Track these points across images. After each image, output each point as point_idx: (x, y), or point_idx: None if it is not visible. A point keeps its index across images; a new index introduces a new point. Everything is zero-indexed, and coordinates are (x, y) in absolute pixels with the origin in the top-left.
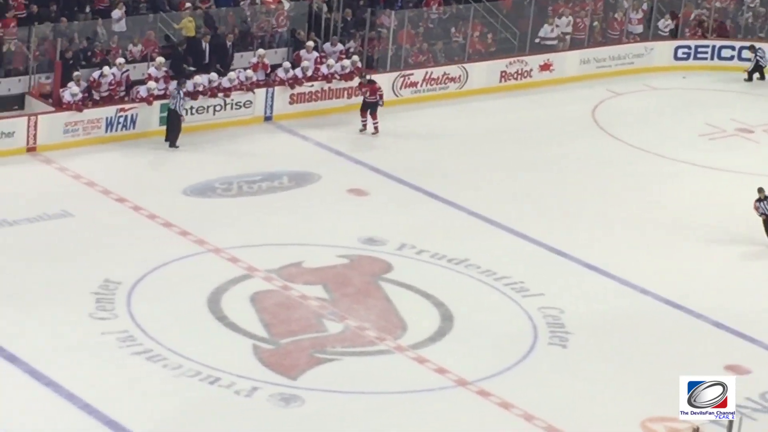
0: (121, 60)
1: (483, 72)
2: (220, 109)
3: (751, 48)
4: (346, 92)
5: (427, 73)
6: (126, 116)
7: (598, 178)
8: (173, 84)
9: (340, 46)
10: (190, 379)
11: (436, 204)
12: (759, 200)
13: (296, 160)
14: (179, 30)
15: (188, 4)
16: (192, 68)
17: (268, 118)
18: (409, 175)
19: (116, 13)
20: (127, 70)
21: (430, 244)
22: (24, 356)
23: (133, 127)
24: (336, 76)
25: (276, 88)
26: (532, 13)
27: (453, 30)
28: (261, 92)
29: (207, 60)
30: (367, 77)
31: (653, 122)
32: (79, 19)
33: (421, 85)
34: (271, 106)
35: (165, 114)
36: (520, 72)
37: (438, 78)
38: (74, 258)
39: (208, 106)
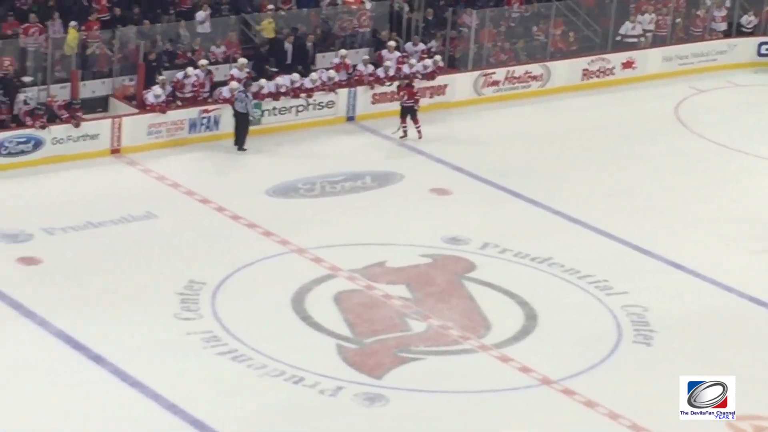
0: (204, 61)
1: (565, 70)
2: (303, 110)
3: None
4: (428, 92)
5: (508, 71)
6: (209, 117)
7: (680, 175)
8: (234, 85)
9: (421, 46)
10: (274, 379)
11: (519, 203)
12: None
13: (379, 160)
14: (260, 31)
15: (270, 6)
16: (274, 69)
17: (350, 118)
18: (492, 174)
19: (200, 15)
20: (210, 72)
21: (514, 242)
22: (109, 356)
23: (216, 128)
24: (418, 75)
25: (358, 88)
26: (614, 11)
27: (535, 28)
28: (343, 92)
29: (290, 60)
30: (405, 81)
31: (736, 119)
32: (162, 21)
33: (503, 84)
34: (354, 106)
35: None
36: (602, 70)
37: (520, 76)
38: (159, 259)
39: (290, 107)
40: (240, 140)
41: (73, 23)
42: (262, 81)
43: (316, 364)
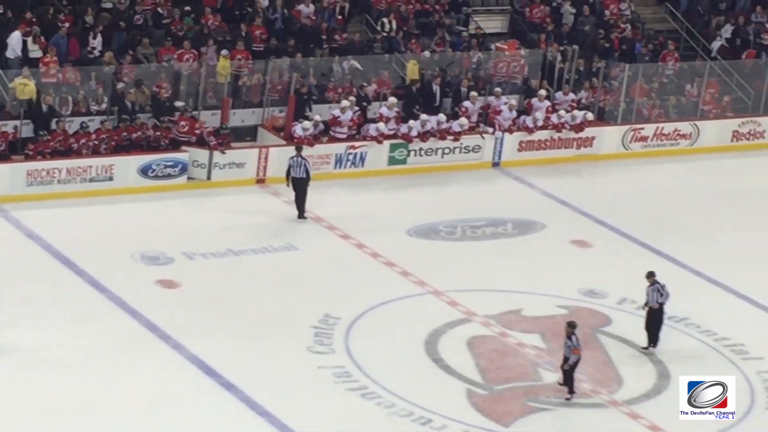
0: (352, 98)
1: (715, 130)
2: (449, 152)
3: None
4: (575, 142)
5: (658, 128)
6: (355, 154)
7: None
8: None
9: (572, 96)
10: (402, 419)
11: (659, 260)
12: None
13: (521, 208)
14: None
15: (425, 51)
16: (422, 113)
17: (495, 164)
18: (634, 230)
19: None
20: (359, 110)
21: None
22: (240, 384)
23: (362, 165)
24: (566, 125)
25: (505, 134)
26: None
27: (688, 87)
28: (490, 138)
29: (438, 102)
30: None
31: None
32: (316, 55)
33: (652, 140)
34: (500, 153)
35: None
36: (752, 132)
37: (669, 134)
38: (296, 291)
39: (436, 149)
40: (300, 208)
41: (224, 52)
42: (411, 122)
43: (445, 407)
